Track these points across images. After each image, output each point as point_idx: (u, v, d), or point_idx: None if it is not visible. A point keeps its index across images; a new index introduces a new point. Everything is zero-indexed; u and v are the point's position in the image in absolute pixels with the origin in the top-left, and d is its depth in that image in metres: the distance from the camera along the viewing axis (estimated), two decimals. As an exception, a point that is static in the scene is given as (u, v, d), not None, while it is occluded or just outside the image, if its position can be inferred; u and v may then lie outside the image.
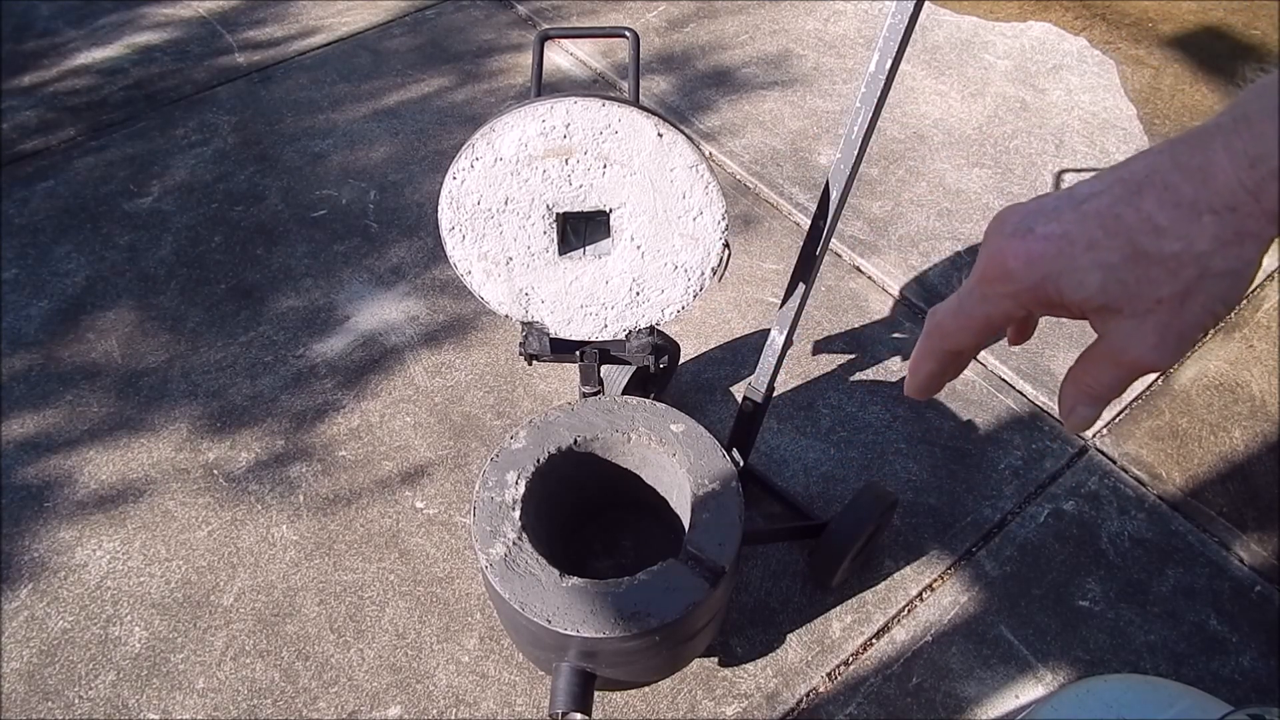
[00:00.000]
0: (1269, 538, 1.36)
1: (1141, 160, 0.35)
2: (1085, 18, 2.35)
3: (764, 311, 1.67)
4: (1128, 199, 0.34)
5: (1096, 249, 0.35)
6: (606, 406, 1.08)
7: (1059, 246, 0.36)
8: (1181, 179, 0.33)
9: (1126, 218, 0.34)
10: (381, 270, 1.73)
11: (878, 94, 0.87)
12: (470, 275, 0.99)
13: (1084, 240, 0.35)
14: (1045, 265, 0.36)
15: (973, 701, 1.20)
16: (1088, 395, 0.39)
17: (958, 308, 0.40)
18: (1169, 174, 0.34)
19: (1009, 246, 0.37)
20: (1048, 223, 0.36)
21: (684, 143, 0.90)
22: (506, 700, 1.19)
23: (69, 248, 1.77)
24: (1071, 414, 0.40)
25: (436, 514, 1.38)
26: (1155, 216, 0.34)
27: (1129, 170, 0.35)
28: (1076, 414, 0.40)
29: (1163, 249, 0.34)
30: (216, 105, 2.09)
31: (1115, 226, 0.35)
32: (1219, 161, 0.32)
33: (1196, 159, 0.33)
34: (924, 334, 0.42)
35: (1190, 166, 0.33)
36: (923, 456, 1.45)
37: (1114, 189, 0.35)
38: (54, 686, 1.20)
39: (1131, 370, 0.37)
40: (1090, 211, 0.35)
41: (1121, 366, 0.37)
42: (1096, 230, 0.35)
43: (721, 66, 2.19)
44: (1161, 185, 0.34)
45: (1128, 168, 0.35)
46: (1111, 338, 0.37)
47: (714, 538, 0.96)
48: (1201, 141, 0.33)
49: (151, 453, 1.46)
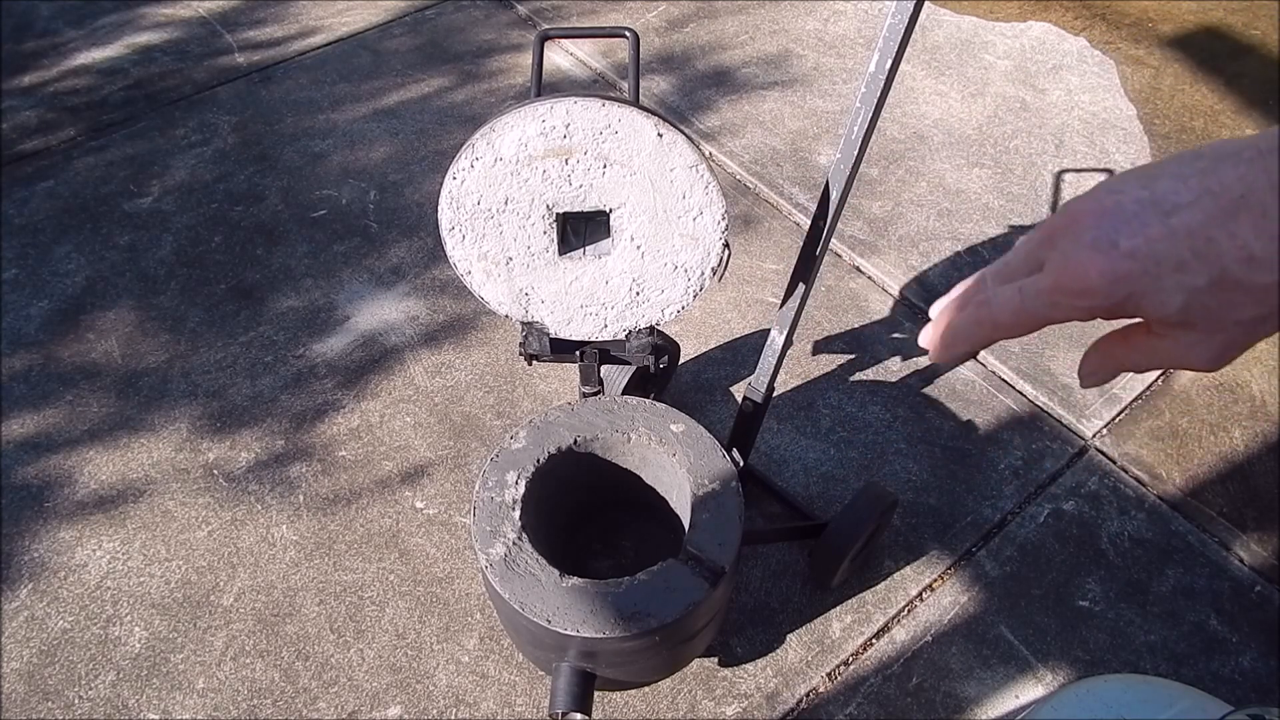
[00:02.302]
0: (1269, 538, 1.36)
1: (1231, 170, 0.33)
2: (1085, 18, 2.35)
3: (764, 311, 1.67)
4: (1221, 221, 0.32)
5: (1184, 271, 0.33)
6: (606, 406, 1.08)
7: (1144, 266, 0.34)
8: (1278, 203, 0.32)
9: (1220, 241, 0.33)
10: (381, 270, 1.73)
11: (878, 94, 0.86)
12: (470, 275, 0.99)
13: (1172, 261, 0.33)
14: (1130, 285, 0.34)
15: (973, 701, 1.20)
16: (1115, 368, 0.39)
17: (1020, 306, 0.38)
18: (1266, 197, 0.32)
19: (1092, 262, 0.35)
20: (1133, 236, 0.34)
21: (684, 143, 0.90)
22: (506, 700, 1.19)
23: (69, 248, 1.77)
24: (1092, 376, 0.40)
25: (436, 514, 1.38)
26: (1251, 246, 0.32)
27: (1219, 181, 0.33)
28: (1097, 378, 0.40)
29: (1254, 280, 0.32)
30: (216, 105, 2.09)
31: (1206, 250, 0.33)
32: None
33: None
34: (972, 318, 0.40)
35: None
36: (923, 456, 1.45)
37: (1204, 203, 0.33)
38: (54, 686, 1.20)
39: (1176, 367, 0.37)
40: (1180, 229, 0.33)
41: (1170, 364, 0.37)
42: (1186, 252, 0.33)
43: (721, 66, 2.19)
44: (1259, 210, 0.32)
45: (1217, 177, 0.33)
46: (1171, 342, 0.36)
47: (714, 538, 0.96)
48: None
49: (151, 453, 1.46)
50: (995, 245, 1.78)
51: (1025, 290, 0.38)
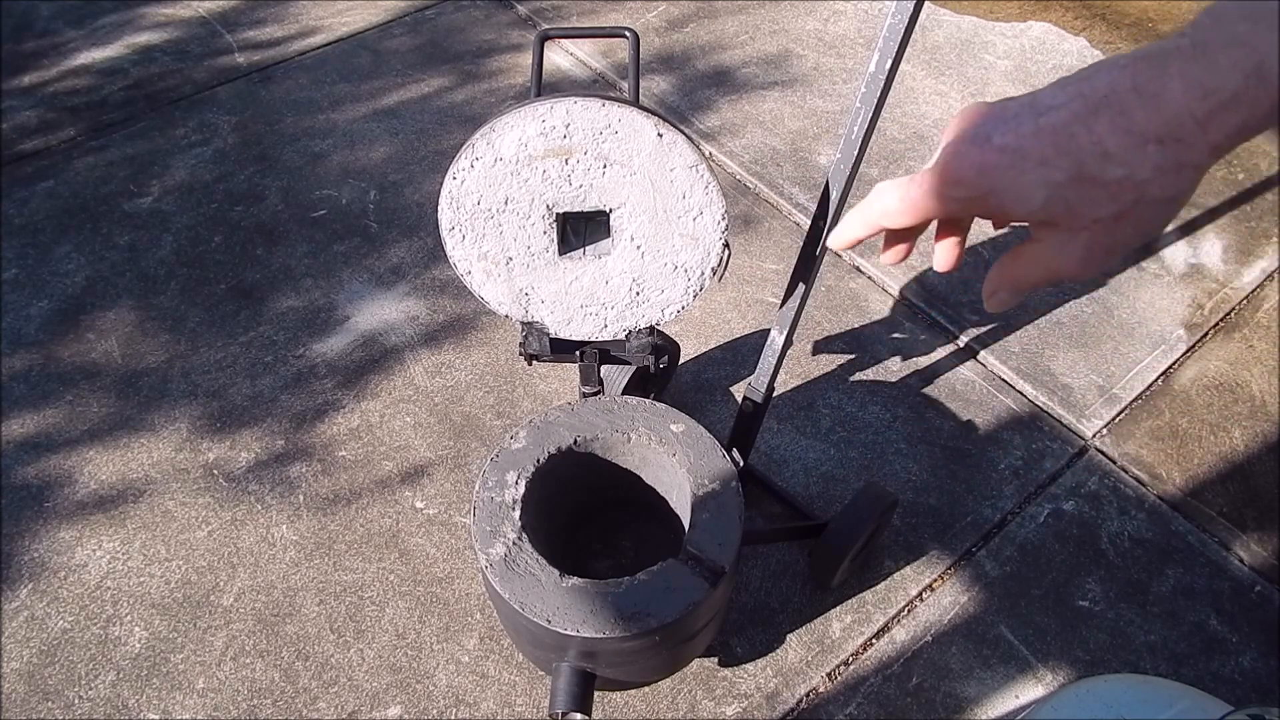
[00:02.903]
0: (1269, 538, 1.36)
1: (1104, 75, 0.35)
2: (1085, 18, 2.35)
3: (764, 311, 1.67)
4: (1084, 118, 0.35)
5: (1046, 166, 0.36)
6: (606, 406, 1.08)
7: (1011, 160, 0.36)
8: (1136, 103, 0.34)
9: (1079, 138, 0.35)
10: (381, 270, 1.73)
11: (878, 94, 0.86)
12: (470, 275, 0.99)
13: (1036, 156, 0.36)
14: (995, 177, 0.37)
15: (973, 701, 1.20)
16: (1011, 285, 0.42)
17: (903, 195, 0.41)
18: (1126, 97, 0.34)
19: (965, 152, 0.38)
20: (1005, 133, 0.37)
21: (684, 143, 0.90)
22: (506, 700, 1.19)
23: (69, 248, 1.77)
24: (993, 297, 0.43)
25: (436, 514, 1.38)
26: (1106, 141, 0.34)
27: (1091, 85, 0.35)
28: (998, 298, 0.43)
29: (1107, 174, 0.35)
30: (216, 105, 2.09)
31: (1067, 145, 0.35)
32: (1172, 88, 0.33)
33: (1153, 84, 0.33)
34: (865, 203, 0.44)
35: (1147, 91, 0.33)
36: (923, 456, 1.45)
37: (1073, 104, 0.35)
38: (54, 686, 1.20)
39: (1057, 276, 0.39)
40: (1046, 126, 0.36)
41: (1048, 271, 0.39)
42: (1049, 147, 0.36)
43: (721, 66, 2.19)
44: (1118, 109, 0.34)
45: (1090, 81, 0.35)
46: (1043, 245, 0.39)
47: (714, 538, 0.96)
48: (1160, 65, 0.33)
49: (151, 453, 1.46)
50: (995, 245, 1.79)
51: (915, 179, 0.41)
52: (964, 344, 1.61)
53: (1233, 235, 1.81)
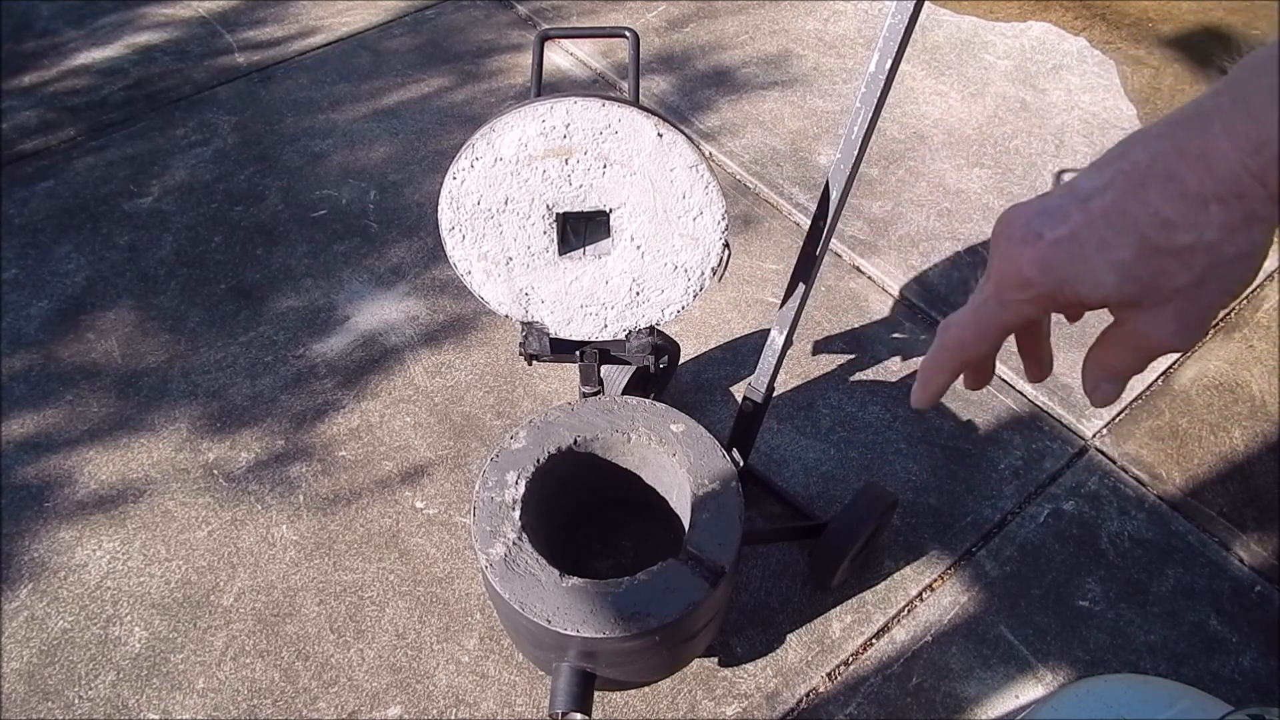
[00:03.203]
0: (1269, 538, 1.36)
1: (1140, 148, 0.34)
2: (1085, 18, 2.35)
3: (764, 311, 1.67)
4: (1133, 193, 0.34)
5: (1108, 248, 0.35)
6: (606, 406, 1.08)
7: (1070, 250, 0.35)
8: (1185, 168, 0.33)
9: (1134, 213, 0.34)
10: (381, 270, 1.73)
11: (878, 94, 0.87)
12: (470, 275, 0.99)
13: (1094, 241, 0.35)
14: (1060, 270, 0.36)
15: (973, 701, 1.20)
16: (1111, 374, 0.40)
17: (975, 319, 0.40)
18: (1172, 163, 0.33)
19: (1022, 254, 0.37)
20: (1055, 226, 0.36)
21: (684, 143, 0.90)
22: (506, 700, 1.19)
23: (69, 248, 1.77)
24: (1096, 391, 0.41)
25: (436, 514, 1.38)
26: (1163, 210, 0.33)
27: (1129, 161, 0.34)
28: (1101, 391, 0.41)
29: (1174, 242, 0.33)
30: (216, 105, 2.09)
31: (1123, 223, 0.34)
32: (1220, 148, 0.32)
33: (1197, 145, 0.32)
34: (938, 347, 0.42)
35: (1191, 154, 0.33)
36: (923, 456, 1.45)
37: (1117, 183, 0.34)
38: (54, 686, 1.20)
39: (1154, 353, 0.38)
40: (1097, 210, 0.35)
41: (1143, 350, 0.38)
42: (1105, 229, 0.35)
43: (721, 66, 2.19)
44: (1165, 176, 0.33)
45: (1128, 158, 0.35)
46: (1133, 325, 0.37)
47: (714, 538, 0.96)
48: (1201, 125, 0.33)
49: (151, 453, 1.46)
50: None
51: (975, 301, 0.40)
52: (964, 344, 1.61)
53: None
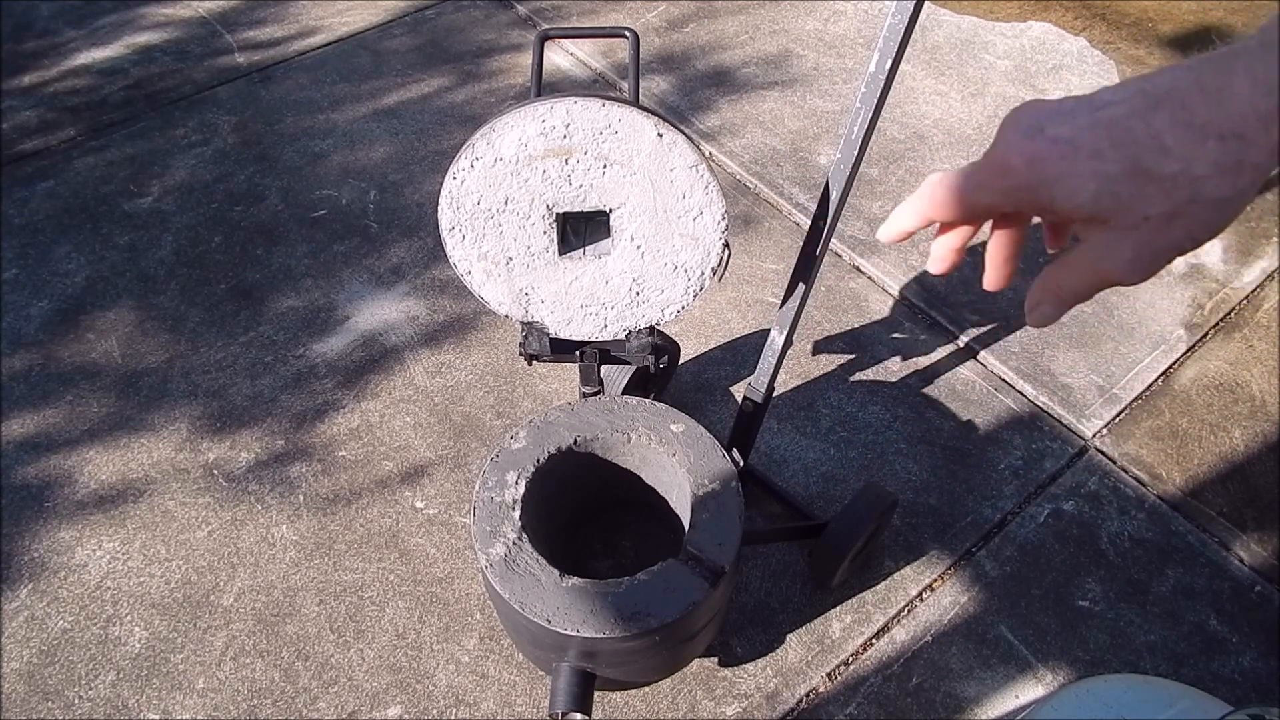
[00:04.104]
0: (1269, 538, 1.36)
1: (1167, 74, 0.34)
2: (1085, 18, 2.35)
3: (764, 311, 1.67)
4: (1142, 113, 0.34)
5: (1099, 158, 0.35)
6: (606, 406, 1.08)
7: (1063, 151, 0.36)
8: (1199, 99, 0.33)
9: (1136, 131, 0.34)
10: (381, 270, 1.73)
11: (878, 94, 0.86)
12: (470, 275, 0.99)
13: (1089, 148, 0.35)
14: (1046, 168, 0.36)
15: (973, 701, 1.20)
16: (1055, 295, 0.40)
17: (954, 184, 0.41)
18: (1188, 92, 0.33)
19: (1017, 143, 0.37)
20: (1059, 125, 0.36)
21: (684, 143, 0.90)
22: (506, 700, 1.19)
23: (69, 248, 1.77)
24: (1035, 309, 0.41)
25: (436, 514, 1.38)
26: (1164, 135, 0.33)
27: (1152, 83, 0.35)
28: (1040, 310, 0.41)
29: (1163, 169, 0.34)
30: (216, 105, 2.09)
31: (1123, 138, 0.34)
32: (1238, 85, 0.32)
33: (1218, 80, 0.33)
34: (917, 194, 0.43)
35: (1210, 87, 0.33)
36: (923, 456, 1.45)
37: (1133, 100, 0.35)
38: (54, 686, 1.20)
39: (1103, 281, 0.38)
40: (1103, 120, 0.35)
41: (1095, 275, 0.38)
42: (1104, 140, 0.35)
43: (721, 66, 2.19)
44: (1178, 103, 0.33)
45: (1152, 80, 0.35)
46: (1091, 246, 0.38)
47: (714, 538, 0.96)
48: (1226, 63, 0.33)
49: (151, 453, 1.46)
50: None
51: (963, 170, 0.40)
52: (964, 344, 1.61)
53: (1232, 235, 1.81)
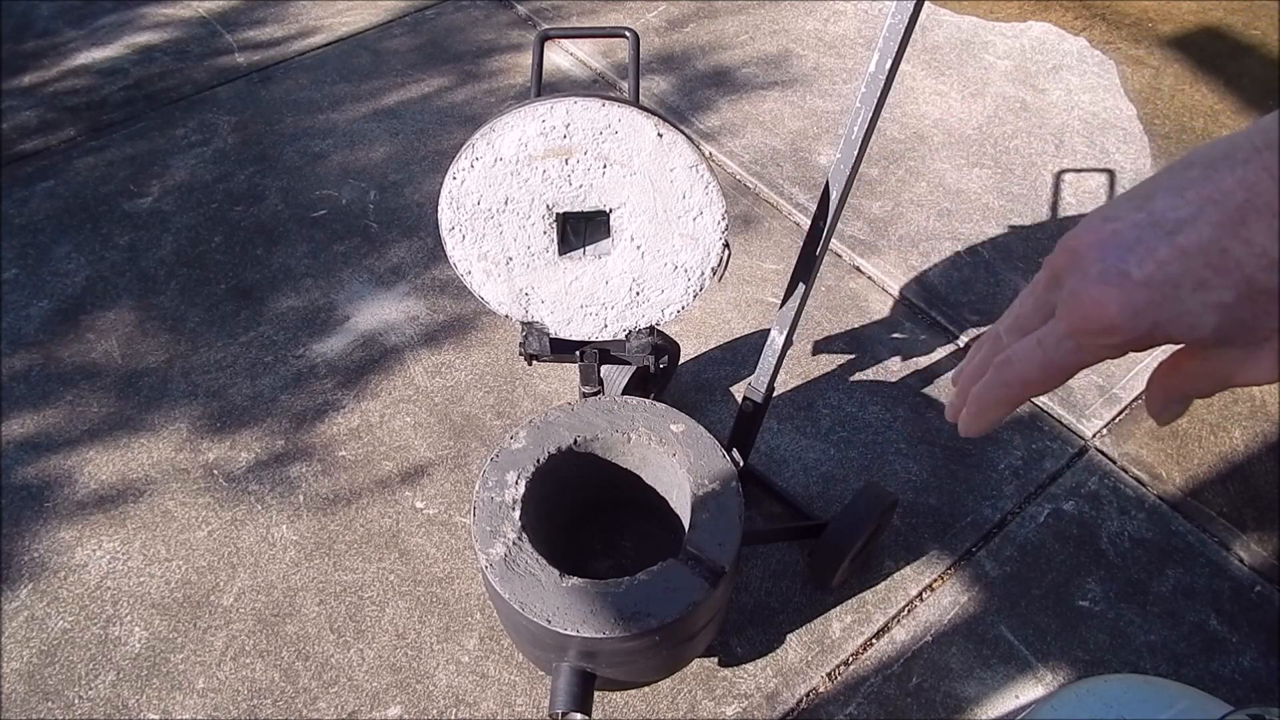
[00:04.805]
0: (1269, 538, 1.36)
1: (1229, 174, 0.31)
2: (1085, 18, 2.35)
3: (764, 311, 1.67)
4: (1231, 229, 0.31)
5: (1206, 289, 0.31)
6: (606, 406, 1.08)
7: (1164, 293, 0.32)
8: None
9: (1235, 252, 0.31)
10: (381, 270, 1.73)
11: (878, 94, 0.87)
12: (470, 275, 0.99)
13: (1190, 282, 0.31)
14: (1153, 314, 0.32)
15: (973, 701, 1.20)
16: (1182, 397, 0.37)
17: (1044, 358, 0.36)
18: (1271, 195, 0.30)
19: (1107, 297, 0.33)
20: (1142, 262, 0.32)
21: (684, 143, 0.90)
22: (506, 700, 1.19)
23: (69, 248, 1.77)
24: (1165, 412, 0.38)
25: (436, 514, 1.38)
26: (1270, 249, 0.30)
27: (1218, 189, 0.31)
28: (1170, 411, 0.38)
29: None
30: (216, 105, 2.09)
31: (1223, 263, 0.31)
32: None
33: None
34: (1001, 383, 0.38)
35: None
36: (923, 456, 1.45)
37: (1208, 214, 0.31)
38: (54, 686, 1.20)
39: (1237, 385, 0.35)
40: (1190, 248, 0.31)
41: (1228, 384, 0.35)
42: (1203, 269, 0.31)
43: (721, 66, 2.19)
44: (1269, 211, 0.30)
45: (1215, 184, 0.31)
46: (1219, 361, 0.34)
47: (714, 538, 0.96)
48: None
49: (151, 453, 1.46)
50: (995, 245, 1.78)
51: (1045, 341, 0.36)
52: (964, 344, 1.61)
53: None
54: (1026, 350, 0.36)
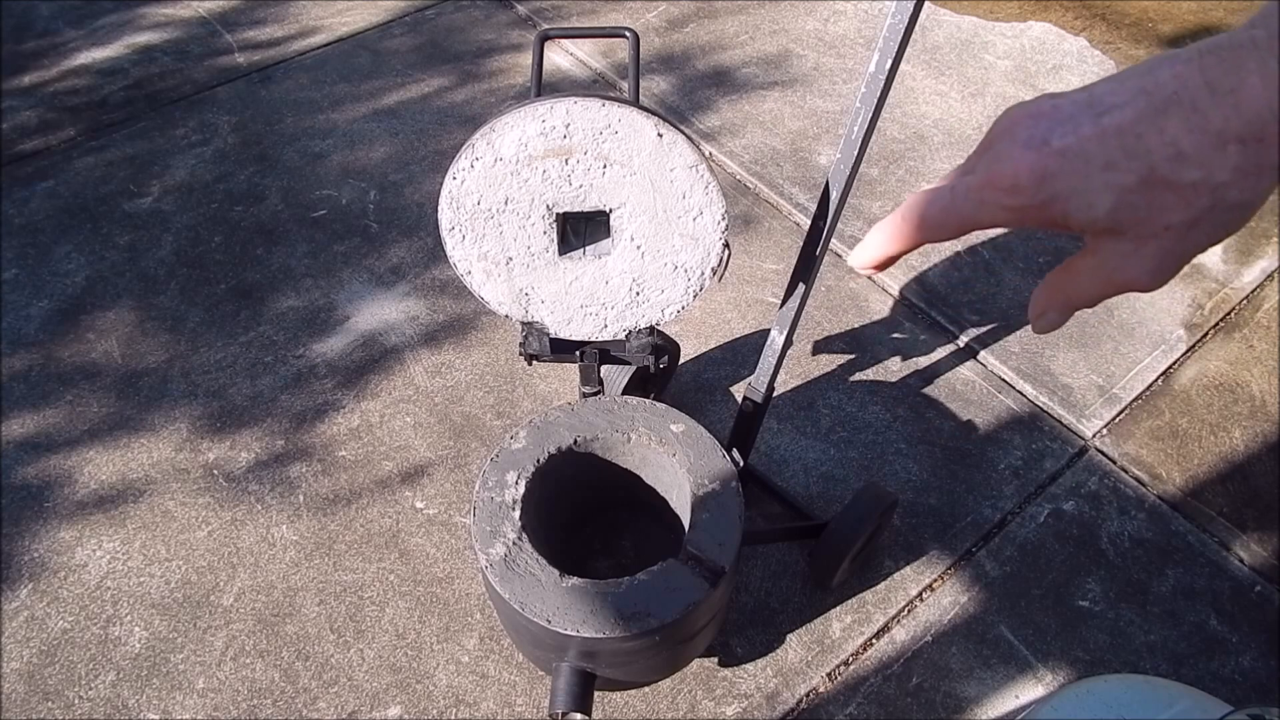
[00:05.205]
0: (1269, 538, 1.36)
1: (1167, 69, 0.32)
2: (1085, 18, 2.35)
3: (764, 311, 1.67)
4: (1152, 118, 0.32)
5: (1113, 170, 0.33)
6: (606, 406, 1.08)
7: (1074, 165, 0.34)
8: (1211, 102, 0.31)
9: (1149, 139, 0.32)
10: (381, 270, 1.73)
11: (878, 94, 0.86)
12: (470, 275, 0.99)
13: (1101, 160, 0.33)
14: (1058, 183, 0.34)
15: (973, 701, 1.20)
16: (1063, 302, 0.38)
17: (949, 203, 0.38)
18: (1198, 94, 0.31)
19: (1022, 158, 0.35)
20: (1064, 135, 0.34)
21: (684, 143, 0.90)
22: (506, 700, 1.19)
23: (69, 248, 1.77)
24: (1041, 317, 0.39)
25: (436, 514, 1.38)
26: (1180, 142, 0.32)
27: (1154, 80, 0.33)
28: (1047, 318, 0.39)
29: (1182, 177, 0.32)
30: (216, 105, 2.09)
31: (1136, 148, 0.32)
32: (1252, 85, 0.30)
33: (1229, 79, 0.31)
34: (900, 218, 0.39)
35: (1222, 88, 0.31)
36: (923, 456, 1.45)
37: (1137, 102, 0.33)
38: (54, 686, 1.20)
39: (1120, 289, 0.36)
40: (1110, 127, 0.33)
41: (1110, 284, 0.36)
42: (1116, 150, 0.33)
43: (721, 66, 2.19)
44: (1190, 106, 0.31)
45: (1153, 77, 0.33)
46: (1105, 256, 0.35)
47: (714, 538, 0.96)
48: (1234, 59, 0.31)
49: (151, 453, 1.46)
50: (995, 245, 1.78)
51: (956, 188, 0.37)
52: (964, 344, 1.61)
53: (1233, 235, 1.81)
54: (936, 193, 0.38)
